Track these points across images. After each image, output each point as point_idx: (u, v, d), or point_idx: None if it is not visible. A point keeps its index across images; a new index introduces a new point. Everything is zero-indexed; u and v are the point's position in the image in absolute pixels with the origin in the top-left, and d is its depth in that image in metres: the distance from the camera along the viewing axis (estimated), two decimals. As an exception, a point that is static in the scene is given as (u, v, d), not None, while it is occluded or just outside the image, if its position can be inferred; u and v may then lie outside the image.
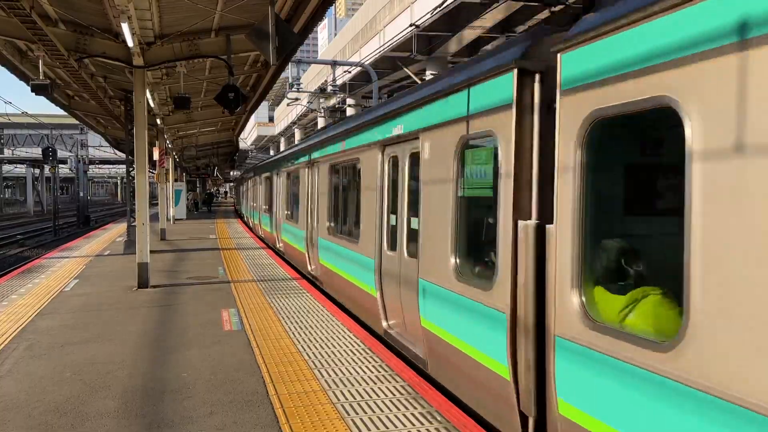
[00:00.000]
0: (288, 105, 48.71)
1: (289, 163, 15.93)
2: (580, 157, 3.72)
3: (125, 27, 9.31)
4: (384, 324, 7.66)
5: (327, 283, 11.08)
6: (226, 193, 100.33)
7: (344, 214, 10.11)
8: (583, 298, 3.71)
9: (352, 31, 39.49)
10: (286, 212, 16.28)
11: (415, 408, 5.19)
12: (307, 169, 13.21)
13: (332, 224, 10.85)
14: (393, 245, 7.37)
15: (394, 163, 7.45)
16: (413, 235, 6.65)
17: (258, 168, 25.85)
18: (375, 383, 5.83)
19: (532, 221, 4.28)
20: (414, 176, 6.77)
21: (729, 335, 2.70)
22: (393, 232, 7.41)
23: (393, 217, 7.43)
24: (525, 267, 4.27)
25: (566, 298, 3.81)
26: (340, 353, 6.87)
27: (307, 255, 13.03)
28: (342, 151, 9.86)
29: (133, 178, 12.52)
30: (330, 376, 6.06)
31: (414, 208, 6.69)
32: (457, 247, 5.48)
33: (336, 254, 10.18)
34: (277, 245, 17.79)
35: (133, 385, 5.87)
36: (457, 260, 5.47)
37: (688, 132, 2.94)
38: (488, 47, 27.38)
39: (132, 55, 11.09)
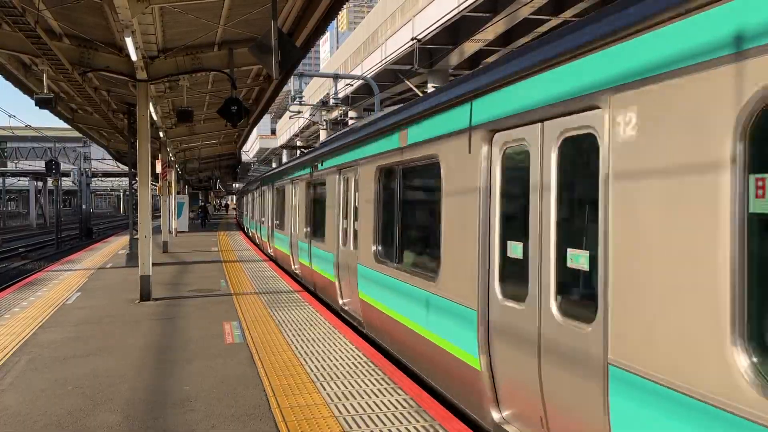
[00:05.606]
0: (290, 118, 48.93)
1: (319, 164, 12.40)
2: None
3: (129, 41, 9.38)
4: None
5: (376, 327, 8.29)
6: (227, 205, 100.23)
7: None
8: None
9: (354, 45, 39.72)
10: (305, 229, 13.68)
11: (417, 421, 5.17)
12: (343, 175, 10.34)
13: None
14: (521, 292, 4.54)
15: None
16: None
17: (269, 177, 22.19)
18: (377, 396, 5.82)
19: None
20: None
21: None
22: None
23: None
24: None
25: None
26: (342, 366, 6.86)
27: (337, 285, 10.50)
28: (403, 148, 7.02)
29: (136, 190, 12.55)
30: (332, 389, 6.05)
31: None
32: None
33: (397, 294, 7.23)
34: (293, 267, 15.48)
35: (135, 398, 5.86)
36: None
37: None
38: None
39: (135, 68, 11.17)
